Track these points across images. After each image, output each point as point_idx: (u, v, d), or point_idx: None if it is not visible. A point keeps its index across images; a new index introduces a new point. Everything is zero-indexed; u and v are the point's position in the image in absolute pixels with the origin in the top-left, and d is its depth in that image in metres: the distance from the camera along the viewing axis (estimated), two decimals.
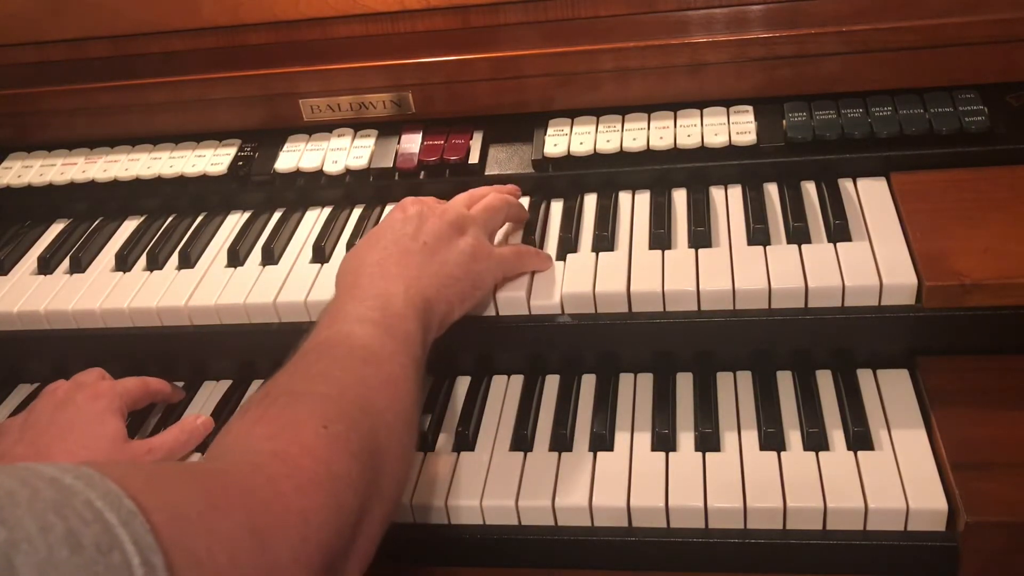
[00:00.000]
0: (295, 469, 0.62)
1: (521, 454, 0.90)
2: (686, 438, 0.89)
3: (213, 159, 1.16)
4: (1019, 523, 0.75)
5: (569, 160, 1.06)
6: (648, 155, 1.05)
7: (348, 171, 1.12)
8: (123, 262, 1.09)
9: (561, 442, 0.90)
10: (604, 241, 0.98)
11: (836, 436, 0.87)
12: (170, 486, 0.55)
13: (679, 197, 1.04)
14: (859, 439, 0.85)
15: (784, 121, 1.03)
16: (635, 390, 0.96)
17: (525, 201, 1.07)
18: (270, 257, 1.05)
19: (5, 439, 0.92)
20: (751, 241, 0.95)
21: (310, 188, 1.13)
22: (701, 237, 0.96)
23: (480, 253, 0.89)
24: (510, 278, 0.94)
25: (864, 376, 0.92)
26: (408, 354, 0.78)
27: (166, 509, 0.50)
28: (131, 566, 0.45)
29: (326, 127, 1.16)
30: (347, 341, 0.78)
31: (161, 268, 1.07)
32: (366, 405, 0.72)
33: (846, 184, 1.01)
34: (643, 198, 1.05)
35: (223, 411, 1.01)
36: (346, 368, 0.75)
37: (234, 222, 1.13)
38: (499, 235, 1.01)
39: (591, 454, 0.89)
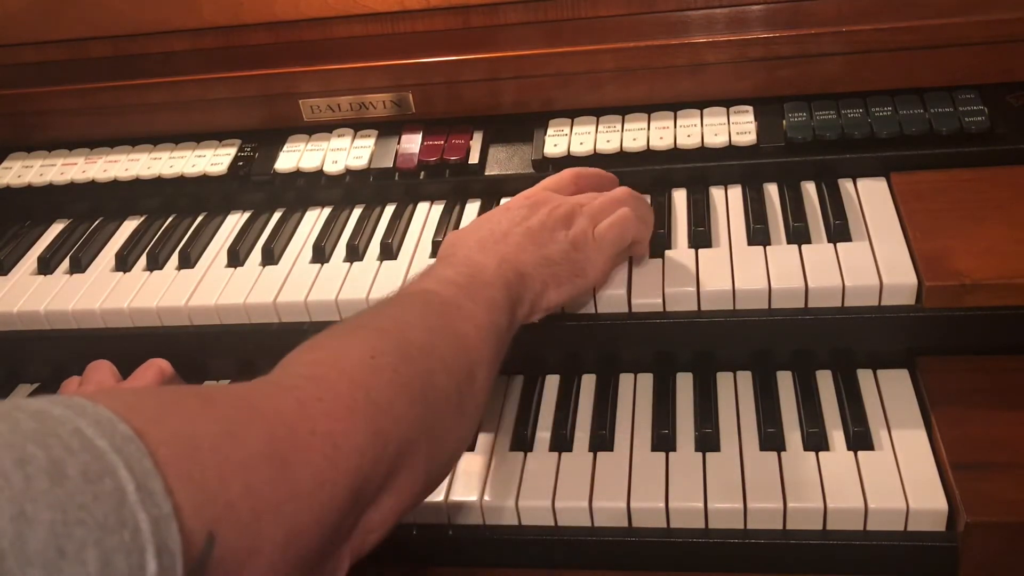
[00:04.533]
0: (328, 392, 0.60)
1: (521, 454, 0.90)
2: (686, 438, 0.89)
3: (213, 159, 1.16)
4: (1019, 523, 0.75)
5: (569, 160, 1.06)
6: (648, 155, 1.05)
7: (348, 171, 1.12)
8: (123, 262, 1.09)
9: (561, 442, 0.90)
10: None
11: (836, 436, 0.87)
12: (181, 413, 0.52)
13: (679, 197, 1.04)
14: (859, 439, 0.85)
15: (784, 121, 1.03)
16: (635, 390, 0.96)
17: None
18: (270, 257, 1.05)
19: None
20: (751, 241, 0.95)
21: (310, 188, 1.13)
22: (701, 237, 0.96)
23: (581, 242, 0.86)
24: (616, 252, 0.90)
25: (864, 376, 0.92)
26: (488, 319, 0.76)
27: (174, 438, 0.48)
28: (125, 492, 0.43)
29: (326, 127, 1.16)
30: (425, 295, 0.76)
31: (161, 268, 1.07)
32: (427, 348, 0.69)
33: (846, 184, 1.01)
34: None
35: None
36: (416, 314, 0.73)
37: (234, 222, 1.13)
38: None
39: (591, 454, 0.89)
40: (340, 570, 0.60)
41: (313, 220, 1.11)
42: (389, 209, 1.10)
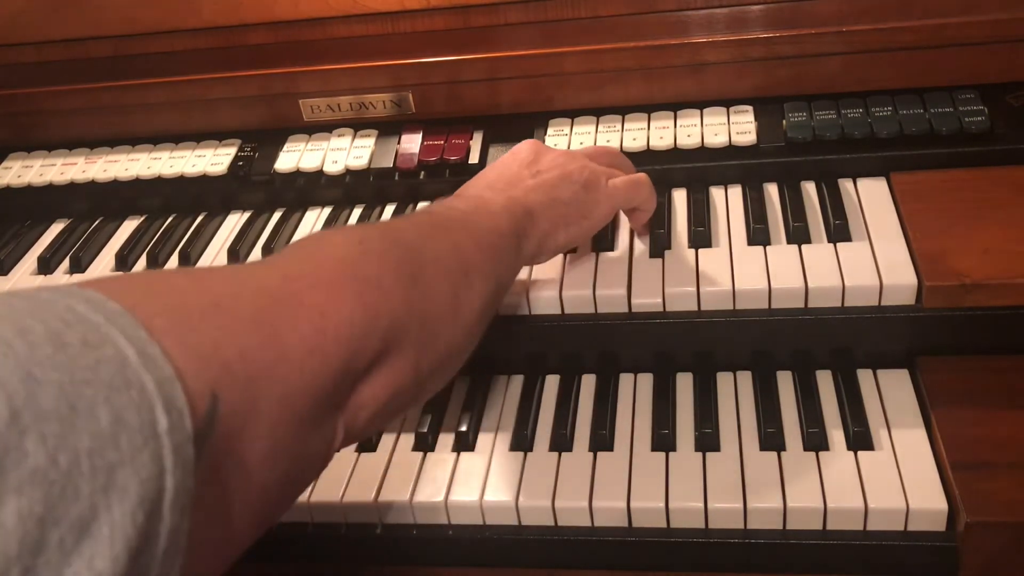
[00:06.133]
0: (313, 268, 0.61)
1: (521, 454, 0.90)
2: (686, 438, 0.89)
3: (213, 159, 1.16)
4: (1019, 523, 0.75)
5: None
6: (648, 155, 1.05)
7: (348, 171, 1.12)
8: (123, 262, 1.09)
9: (561, 442, 0.90)
10: (603, 241, 0.98)
11: (836, 436, 0.87)
12: (169, 289, 0.53)
13: (679, 197, 1.04)
14: (859, 439, 0.85)
15: (784, 121, 1.03)
16: (635, 390, 0.96)
17: None
18: None
19: None
20: (751, 241, 0.95)
21: (310, 188, 1.13)
22: (701, 237, 0.96)
23: (592, 183, 0.87)
24: (620, 207, 0.93)
25: (864, 376, 0.92)
26: (488, 239, 0.77)
27: (164, 310, 0.49)
28: (126, 357, 0.43)
29: (326, 127, 1.16)
30: (424, 213, 0.78)
31: (161, 268, 1.07)
32: (419, 246, 0.70)
33: (846, 184, 1.01)
34: None
35: None
36: (411, 222, 0.74)
37: (234, 222, 1.13)
38: None
39: (591, 454, 0.89)
40: (335, 439, 0.61)
41: (313, 220, 1.11)
42: (389, 209, 1.10)
